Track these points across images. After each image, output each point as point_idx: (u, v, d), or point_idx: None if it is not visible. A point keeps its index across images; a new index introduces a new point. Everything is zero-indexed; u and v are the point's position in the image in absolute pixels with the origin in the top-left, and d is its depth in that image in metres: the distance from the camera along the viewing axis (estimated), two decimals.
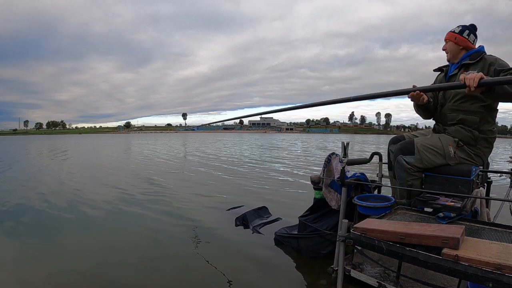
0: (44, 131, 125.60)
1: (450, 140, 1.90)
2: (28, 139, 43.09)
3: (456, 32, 1.96)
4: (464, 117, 1.89)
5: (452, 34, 1.97)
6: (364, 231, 1.42)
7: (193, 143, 25.32)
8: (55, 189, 5.48)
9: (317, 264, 2.35)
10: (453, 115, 1.95)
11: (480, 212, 1.91)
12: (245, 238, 2.96)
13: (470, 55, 1.91)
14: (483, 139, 1.88)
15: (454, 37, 1.96)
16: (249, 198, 4.65)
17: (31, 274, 2.22)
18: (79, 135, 74.14)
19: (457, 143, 1.89)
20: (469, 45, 1.94)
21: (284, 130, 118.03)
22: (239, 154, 13.97)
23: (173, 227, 3.33)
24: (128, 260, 2.48)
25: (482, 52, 1.89)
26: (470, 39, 1.94)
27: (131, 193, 5.11)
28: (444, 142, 1.89)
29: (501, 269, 1.02)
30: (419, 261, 1.22)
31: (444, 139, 1.91)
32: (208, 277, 2.20)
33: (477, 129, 1.86)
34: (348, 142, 1.98)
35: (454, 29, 1.99)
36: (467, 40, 1.94)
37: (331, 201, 2.33)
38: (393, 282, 1.75)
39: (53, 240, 2.96)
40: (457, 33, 1.96)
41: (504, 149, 22.17)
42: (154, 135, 63.89)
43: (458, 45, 1.95)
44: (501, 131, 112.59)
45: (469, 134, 1.88)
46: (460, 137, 1.90)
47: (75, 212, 3.92)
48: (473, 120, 1.86)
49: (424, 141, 1.93)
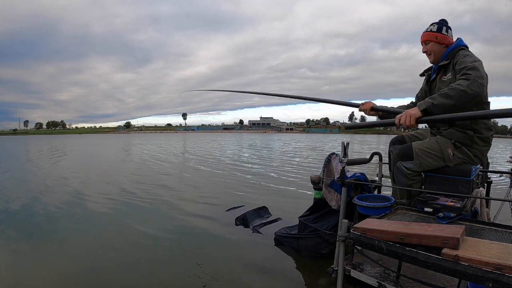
0: (44, 131, 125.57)
1: (447, 142, 1.88)
2: (27, 139, 43.09)
3: (435, 31, 1.90)
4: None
5: (432, 34, 1.91)
6: (364, 231, 1.42)
7: (192, 144, 25.31)
8: (55, 189, 5.48)
9: (317, 264, 2.35)
10: None
11: (480, 212, 1.90)
12: (245, 238, 2.96)
13: (447, 55, 1.87)
14: (479, 138, 1.86)
15: (435, 36, 1.89)
16: (249, 198, 4.65)
17: (30, 274, 2.22)
18: (79, 135, 74.15)
19: (454, 145, 1.88)
20: (450, 41, 1.90)
21: (284, 130, 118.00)
22: (238, 154, 13.97)
23: (173, 227, 3.33)
24: (127, 260, 2.48)
25: (458, 47, 1.85)
26: (449, 34, 1.90)
27: (130, 193, 5.11)
28: (442, 144, 1.87)
29: (501, 269, 1.02)
30: (419, 261, 1.22)
31: (442, 142, 1.89)
32: (208, 277, 2.20)
33: (471, 129, 1.84)
34: (348, 142, 1.98)
35: (430, 29, 1.92)
36: (447, 36, 1.90)
37: (331, 201, 2.33)
38: (393, 282, 1.75)
39: (52, 240, 2.96)
40: (436, 31, 1.90)
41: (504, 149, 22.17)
42: (154, 135, 63.89)
43: (440, 44, 1.90)
44: (501, 131, 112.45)
45: (464, 135, 1.86)
46: (456, 138, 1.87)
47: (74, 211, 3.93)
48: (466, 122, 1.84)
49: (422, 145, 1.90)
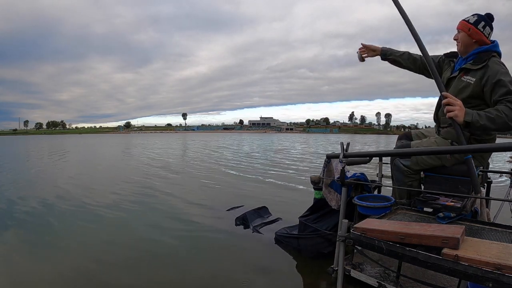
0: (44, 131, 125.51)
1: (445, 142, 1.90)
2: (27, 139, 43.08)
3: (471, 23, 1.76)
4: None
5: (466, 24, 1.78)
6: (364, 231, 1.42)
7: (192, 144, 25.29)
8: (55, 189, 5.48)
9: (317, 264, 2.35)
10: (445, 118, 1.92)
11: (480, 212, 1.90)
12: (245, 238, 2.96)
13: (475, 57, 1.76)
14: (476, 140, 1.83)
15: (468, 28, 1.77)
16: (249, 198, 4.65)
17: (30, 274, 2.22)
18: (79, 135, 74.15)
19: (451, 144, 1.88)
20: (483, 39, 1.76)
21: (284, 130, 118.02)
22: (238, 154, 13.97)
23: (173, 227, 3.33)
24: (127, 260, 2.48)
25: (490, 53, 1.73)
26: (485, 32, 1.76)
27: (129, 193, 5.11)
28: (440, 144, 1.91)
29: (501, 269, 1.02)
30: (419, 261, 1.22)
31: (440, 142, 1.92)
32: (208, 276, 2.20)
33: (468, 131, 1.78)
34: (348, 143, 1.98)
35: (468, 18, 1.79)
36: (482, 33, 1.75)
37: (331, 201, 2.33)
38: (393, 282, 1.75)
39: (52, 239, 2.96)
40: (472, 23, 1.76)
41: None
42: (154, 135, 63.87)
43: (471, 37, 1.77)
44: None
45: None
46: (452, 138, 1.87)
47: (75, 211, 3.93)
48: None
49: (421, 144, 1.96)
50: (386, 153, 2.21)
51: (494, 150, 1.49)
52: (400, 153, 1.94)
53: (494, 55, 1.74)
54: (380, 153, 2.17)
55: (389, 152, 2.07)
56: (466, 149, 1.63)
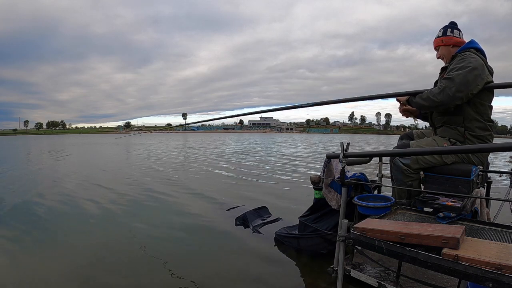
0: (44, 131, 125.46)
1: (443, 140, 1.96)
2: (27, 139, 43.07)
3: (441, 36, 2.02)
4: (448, 118, 1.96)
5: (438, 39, 2.03)
6: (364, 231, 1.42)
7: (192, 144, 25.29)
8: (55, 189, 5.48)
9: (317, 264, 2.35)
10: (439, 118, 2.03)
11: (480, 212, 1.91)
12: (245, 238, 2.96)
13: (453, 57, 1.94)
14: (472, 135, 1.89)
15: (441, 40, 2.01)
16: (249, 198, 4.65)
17: (31, 274, 2.23)
18: (79, 135, 74.12)
19: (450, 141, 1.94)
20: (456, 40, 1.98)
21: (284, 130, 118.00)
22: (238, 154, 13.97)
23: (173, 227, 3.33)
24: (127, 260, 2.48)
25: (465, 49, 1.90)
26: (455, 34, 1.99)
27: (130, 193, 5.11)
28: (439, 142, 1.96)
29: (501, 269, 1.02)
30: (419, 261, 1.22)
31: (438, 140, 1.98)
32: (208, 276, 2.20)
33: (462, 126, 1.90)
34: (348, 142, 1.98)
35: (437, 35, 2.05)
36: (452, 36, 1.98)
37: (331, 201, 2.33)
38: (393, 282, 1.75)
39: (52, 239, 2.96)
40: (441, 35, 2.01)
41: None
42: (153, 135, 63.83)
43: (447, 45, 1.99)
44: (501, 131, 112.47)
45: (455, 131, 1.93)
46: (449, 135, 1.95)
47: (73, 212, 3.93)
48: (457, 120, 1.91)
49: (420, 143, 2.01)
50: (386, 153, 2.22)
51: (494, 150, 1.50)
52: (400, 153, 1.95)
53: (469, 51, 1.88)
54: (380, 153, 2.18)
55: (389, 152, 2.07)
56: (466, 149, 1.67)
